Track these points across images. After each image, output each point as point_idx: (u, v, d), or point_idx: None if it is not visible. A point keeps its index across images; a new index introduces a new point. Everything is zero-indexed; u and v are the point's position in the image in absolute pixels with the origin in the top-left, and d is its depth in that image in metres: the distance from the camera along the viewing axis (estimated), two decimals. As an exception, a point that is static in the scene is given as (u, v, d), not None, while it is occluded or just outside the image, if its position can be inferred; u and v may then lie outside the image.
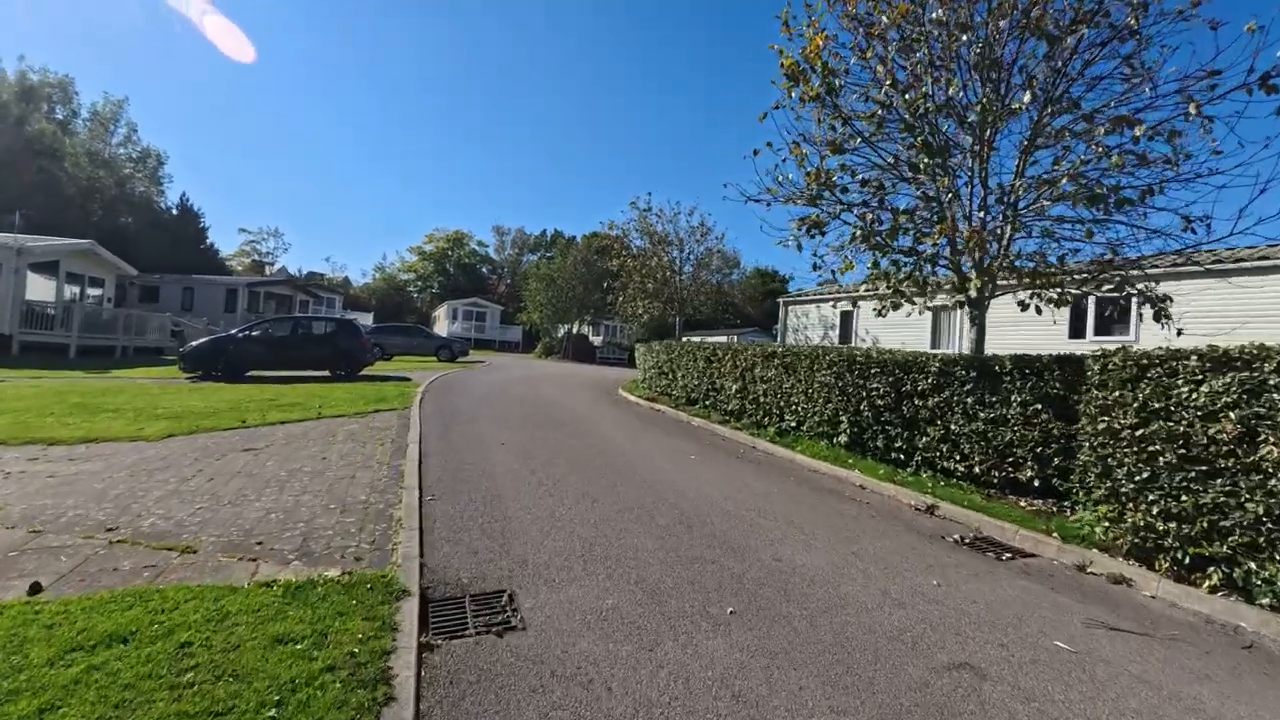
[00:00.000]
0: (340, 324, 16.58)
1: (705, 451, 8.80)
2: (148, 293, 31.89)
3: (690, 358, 13.15)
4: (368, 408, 10.62)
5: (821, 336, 18.18)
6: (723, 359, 11.64)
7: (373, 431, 8.56)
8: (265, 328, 16.00)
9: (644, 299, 19.67)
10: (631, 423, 11.18)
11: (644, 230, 19.16)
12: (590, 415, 11.70)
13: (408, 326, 30.20)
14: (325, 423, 9.18)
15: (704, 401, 12.58)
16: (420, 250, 70.42)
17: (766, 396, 10.21)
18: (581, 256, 40.49)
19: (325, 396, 11.89)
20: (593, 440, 8.98)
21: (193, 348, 15.07)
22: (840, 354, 8.65)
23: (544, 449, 8.08)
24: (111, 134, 48.55)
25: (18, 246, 19.67)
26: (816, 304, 18.48)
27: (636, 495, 6.09)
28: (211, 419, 9.10)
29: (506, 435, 8.87)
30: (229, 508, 5.00)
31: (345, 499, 5.34)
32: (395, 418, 9.82)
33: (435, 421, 9.65)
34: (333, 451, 7.24)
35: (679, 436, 10.00)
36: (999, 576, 4.62)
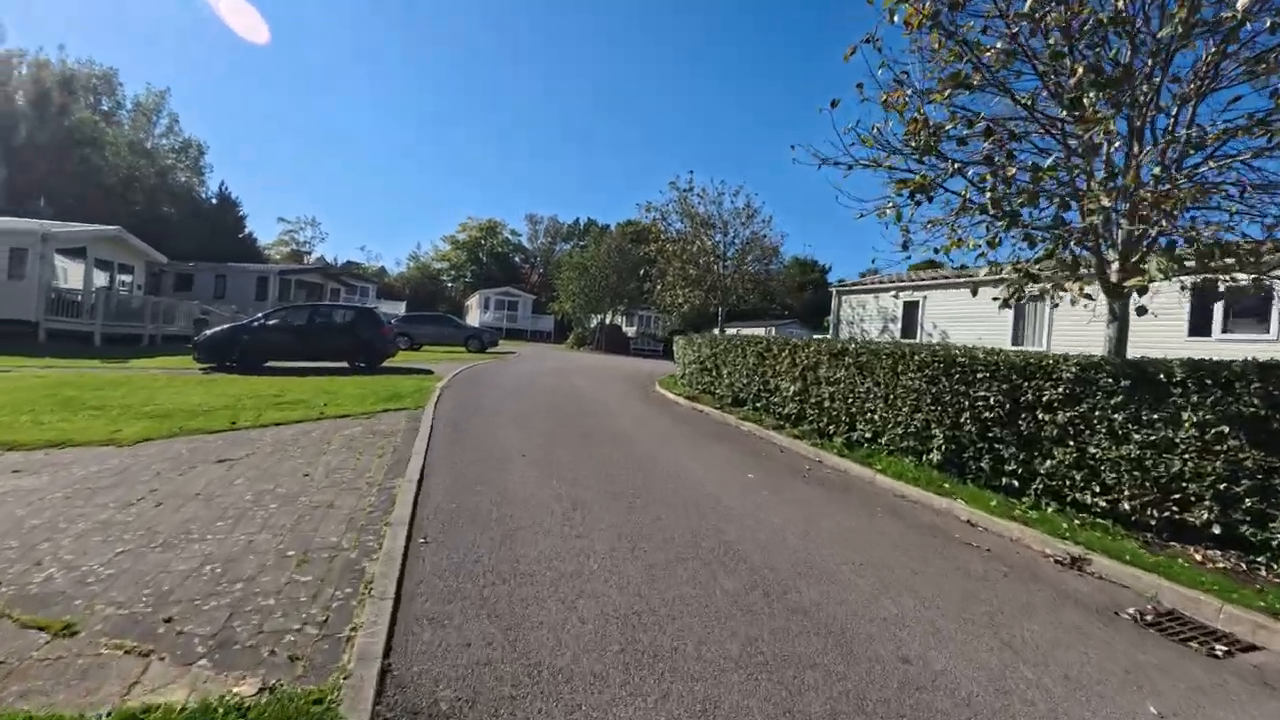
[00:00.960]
0: (360, 313, 15.61)
1: (763, 468, 7.36)
2: (182, 280, 31.82)
3: (738, 353, 11.67)
4: (376, 406, 9.48)
5: (880, 330, 16.40)
6: (778, 356, 10.13)
7: (374, 438, 7.36)
8: (283, 316, 15.12)
9: (684, 287, 18.10)
10: (672, 427, 9.78)
11: (685, 212, 17.58)
12: (625, 417, 10.35)
13: (436, 315, 29.36)
14: (324, 425, 8.05)
15: (754, 403, 11.10)
16: (454, 239, 70.07)
17: (834, 401, 8.68)
18: (615, 244, 39.13)
19: (334, 392, 10.82)
20: (629, 451, 7.63)
21: (206, 337, 14.27)
22: (934, 353, 7.07)
23: (572, 463, 6.76)
24: (154, 124, 49.27)
25: (43, 232, 19.31)
26: (875, 293, 16.68)
27: (689, 535, 4.70)
28: (200, 419, 8.07)
29: (529, 443, 7.58)
30: (157, 553, 3.80)
31: (311, 541, 4.09)
32: (405, 419, 8.64)
33: (449, 425, 8.43)
34: (320, 465, 6.05)
35: (729, 446, 8.57)
36: (1233, 692, 3.10)
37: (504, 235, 71.18)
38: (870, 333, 16.59)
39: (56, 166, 34.45)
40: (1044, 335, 13.06)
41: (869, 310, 16.72)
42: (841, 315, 17.56)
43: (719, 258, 17.68)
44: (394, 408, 9.50)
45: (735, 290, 18.27)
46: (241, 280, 30.91)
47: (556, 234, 72.35)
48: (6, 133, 33.75)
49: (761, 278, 18.81)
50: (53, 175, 34.21)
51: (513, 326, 47.22)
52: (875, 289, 16.70)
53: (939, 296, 15.16)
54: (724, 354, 12.36)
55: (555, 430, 8.54)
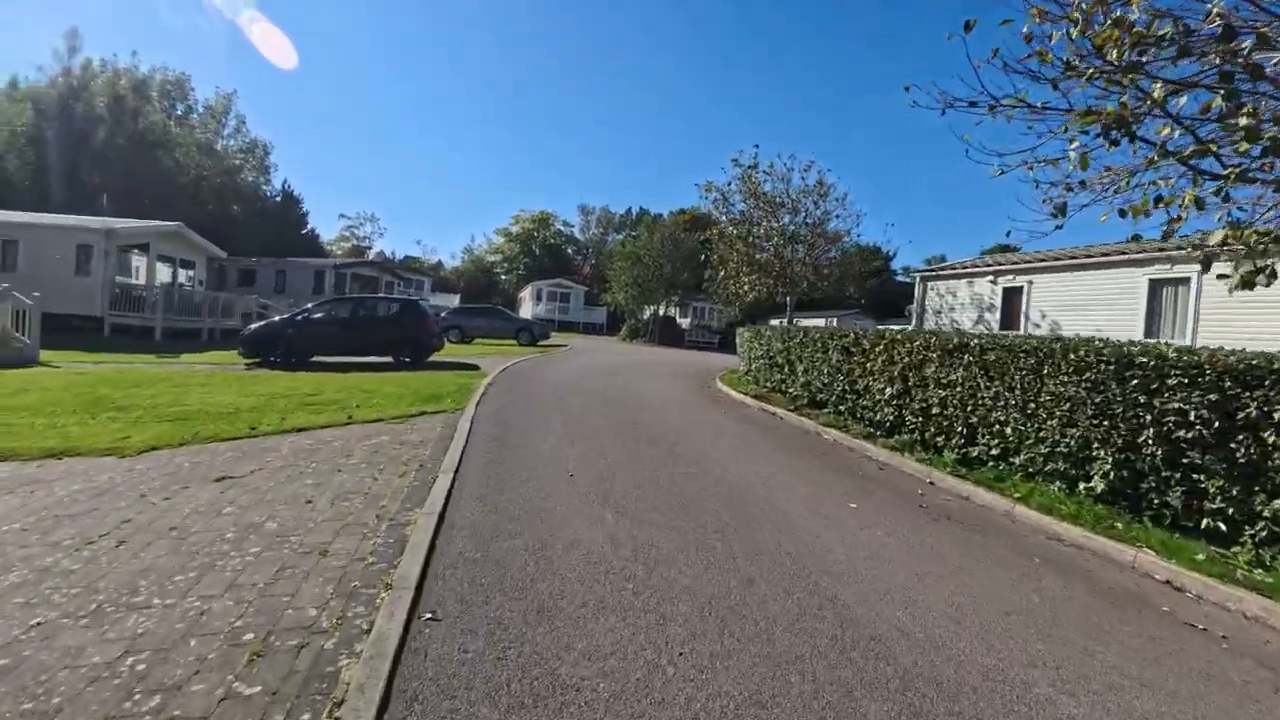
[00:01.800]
0: (405, 305, 14.89)
1: (866, 493, 5.92)
2: (245, 275, 32.50)
3: (817, 348, 10.15)
4: (412, 409, 8.52)
5: (974, 320, 14.41)
6: (870, 352, 8.59)
7: (400, 450, 6.34)
8: (327, 309, 14.55)
9: (750, 274, 16.47)
10: (744, 435, 8.42)
11: (750, 192, 15.88)
12: (689, 422, 9.05)
13: (487, 308, 28.78)
14: (350, 432, 7.11)
15: (835, 405, 9.58)
16: (506, 232, 70.22)
17: (947, 408, 7.11)
18: (669, 233, 37.72)
19: (372, 391, 9.97)
20: (699, 468, 6.33)
21: (250, 332, 13.82)
22: (1099, 352, 5.45)
23: (632, 486, 5.52)
24: (223, 126, 51.04)
25: (106, 229, 19.60)
26: (969, 279, 14.64)
27: (797, 612, 3.38)
28: (221, 422, 7.29)
29: (580, 459, 6.39)
30: (78, 630, 2.80)
31: (281, 615, 3.00)
32: (440, 426, 7.62)
33: (488, 434, 7.35)
34: (329, 488, 5.03)
35: (815, 461, 7.15)
36: None
37: (556, 227, 70.83)
38: (962, 323, 14.61)
39: (130, 167, 35.81)
40: (1187, 327, 10.90)
41: (960, 298, 14.70)
42: (927, 304, 15.57)
43: (789, 240, 15.91)
44: (431, 410, 8.52)
45: (806, 277, 16.46)
46: (300, 274, 31.25)
47: (608, 224, 71.48)
48: (85, 136, 35.27)
49: (836, 263, 16.88)
50: (127, 176, 35.56)
51: (564, 318, 46.59)
52: (969, 273, 14.64)
53: (1049, 281, 13.05)
54: (799, 349, 10.86)
55: (610, 441, 7.32)
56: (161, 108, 44.70)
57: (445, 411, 8.50)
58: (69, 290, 19.31)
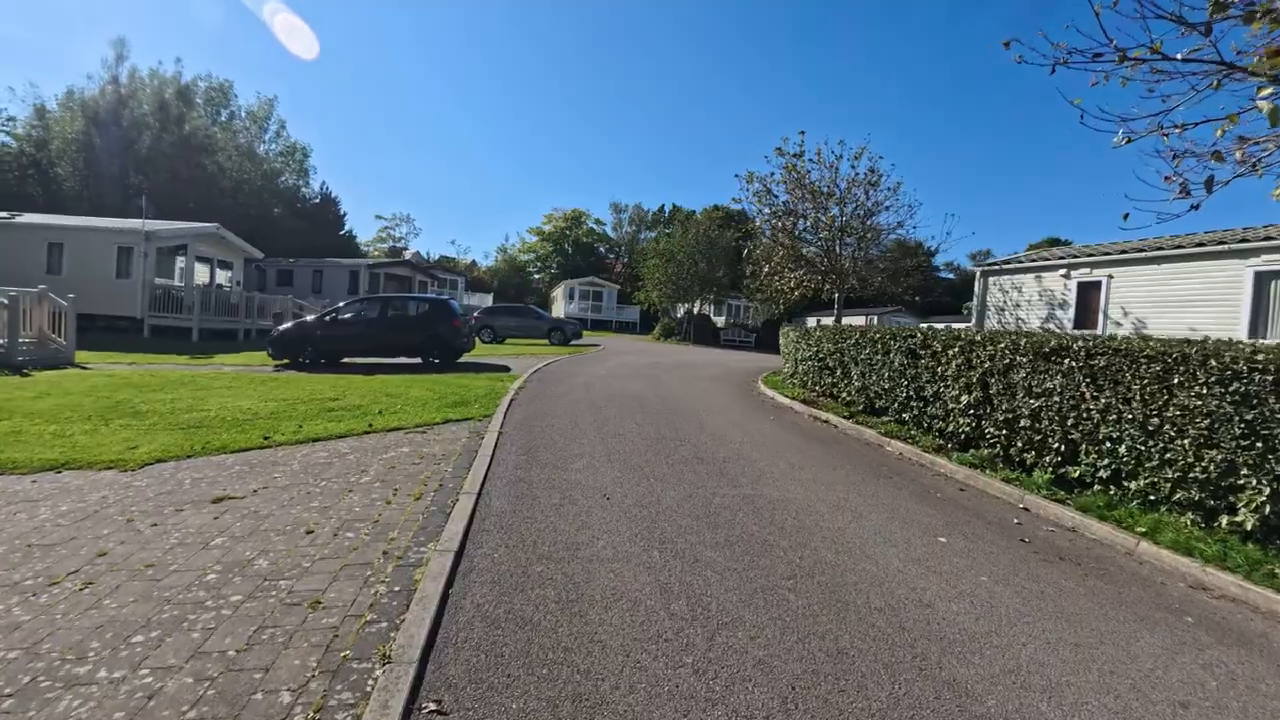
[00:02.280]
0: (434, 304, 14.43)
1: (953, 522, 5.05)
2: (283, 276, 32.91)
3: (876, 350, 9.22)
4: (436, 416, 7.94)
5: (1044, 318, 13.15)
6: (943, 355, 7.65)
7: (419, 466, 5.72)
8: (356, 309, 14.19)
9: (796, 269, 15.40)
10: (799, 448, 7.58)
11: (795, 182, 14.79)
12: (736, 433, 8.26)
13: (519, 307, 28.36)
14: (368, 443, 6.55)
15: (898, 413, 8.66)
16: (539, 230, 70.14)
17: (1040, 421, 6.16)
18: (703, 229, 36.78)
19: (397, 396, 9.46)
20: (755, 490, 5.55)
21: (279, 333, 13.55)
22: (1251, 358, 4.47)
23: (680, 515, 4.77)
24: (265, 130, 52.07)
25: (145, 230, 19.76)
26: (1037, 273, 13.36)
27: (906, 702, 2.58)
28: (234, 431, 6.82)
29: (618, 477, 5.67)
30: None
31: (244, 704, 2.35)
32: (465, 436, 7.00)
33: (517, 445, 6.69)
34: (337, 511, 4.42)
35: (886, 481, 6.29)
36: None
37: (588, 225, 70.42)
38: (1029, 321, 13.36)
39: (175, 172, 36.62)
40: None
41: (1026, 294, 13.44)
42: (989, 300, 14.33)
43: (840, 232, 14.78)
44: (456, 417, 7.92)
45: (856, 273, 15.29)
46: (335, 275, 31.44)
47: (641, 222, 70.75)
48: (132, 142, 36.20)
49: (888, 257, 15.61)
50: (172, 180, 36.37)
51: (597, 317, 46.09)
52: (1037, 267, 13.35)
53: (1132, 276, 11.76)
54: (854, 350, 9.93)
55: (651, 456, 6.59)
56: (205, 113, 45.79)
57: (472, 419, 7.89)
58: (110, 292, 19.55)
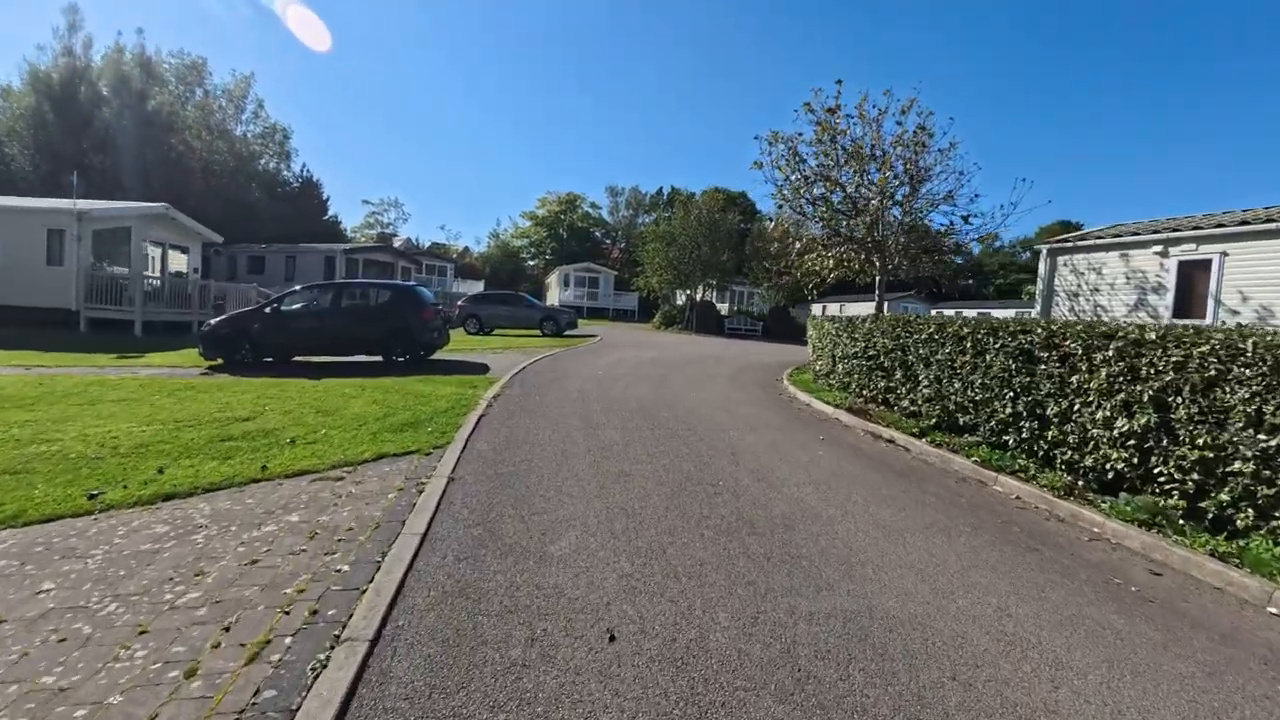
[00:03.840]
0: (398, 292, 12.10)
1: (1210, 667, 2.88)
2: (255, 263, 30.52)
3: (962, 348, 7.01)
4: (369, 448, 5.70)
5: (1132, 305, 10.88)
6: (1085, 361, 5.42)
7: (302, 557, 3.49)
8: (307, 298, 11.89)
9: (838, 245, 12.90)
10: (881, 492, 5.38)
11: (829, 143, 12.19)
12: (783, 465, 6.07)
13: (508, 295, 26.01)
14: (249, 499, 4.33)
15: (997, 433, 6.47)
16: (533, 215, 67.47)
17: (1267, 464, 3.98)
18: (705, 211, 34.37)
19: (331, 412, 7.22)
20: (852, 599, 3.37)
21: (210, 327, 11.26)
22: None
23: (745, 678, 2.57)
24: (241, 110, 49.22)
25: (77, 211, 17.34)
26: (1122, 250, 11.04)
27: None
28: (61, 481, 4.65)
29: (624, 578, 3.45)
30: None
31: None
32: (400, 482, 4.79)
33: (472, 505, 4.48)
34: (95, 681, 2.21)
35: (1035, 557, 4.12)
36: None
37: (584, 209, 67.77)
38: (1111, 309, 11.13)
39: (137, 151, 33.96)
40: None
41: (1108, 275, 11.15)
42: (1057, 284, 12.03)
43: (888, 200, 12.31)
44: (395, 450, 5.68)
45: (904, 250, 12.77)
46: (310, 261, 29.04)
47: (638, 205, 68.14)
48: (89, 118, 33.47)
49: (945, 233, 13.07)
50: (134, 159, 33.73)
51: (594, 305, 43.74)
52: (1123, 243, 11.00)
53: (1253, 252, 9.48)
54: (924, 348, 7.72)
55: (675, 521, 4.38)
56: (178, 92, 42.96)
57: (418, 452, 5.65)
58: (39, 282, 17.21)
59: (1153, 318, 10.36)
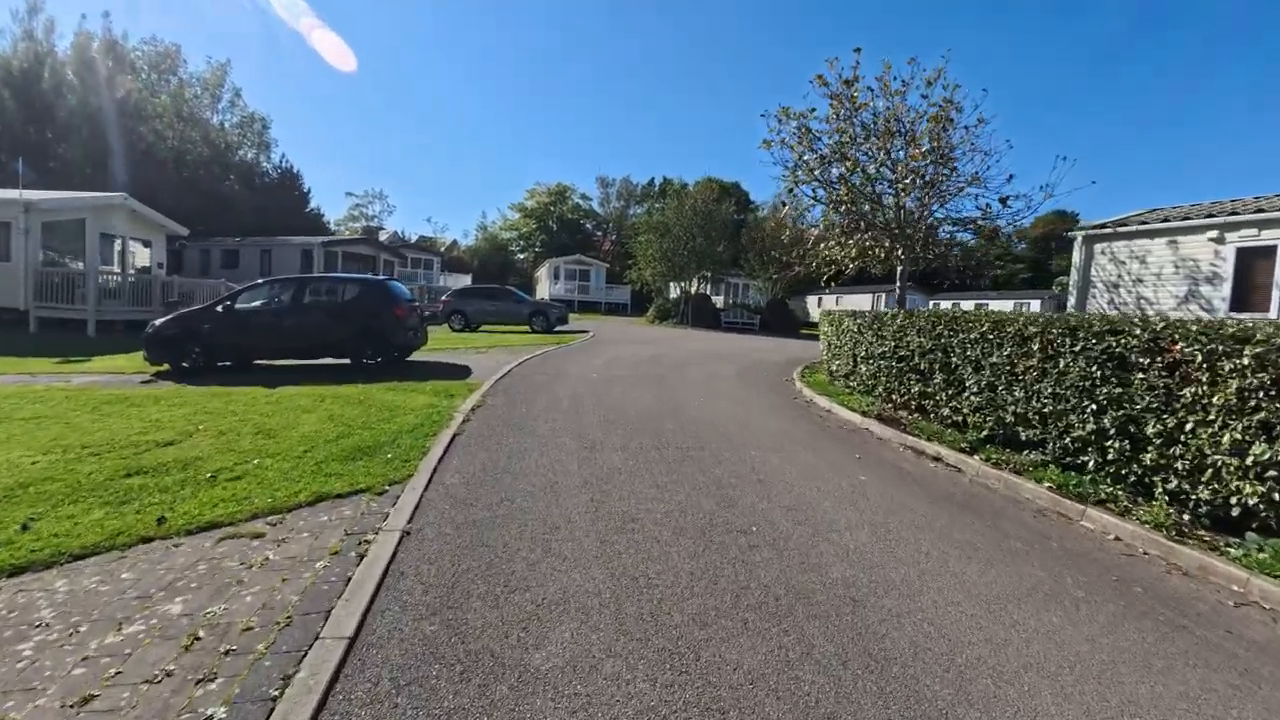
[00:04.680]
0: (367, 287, 10.85)
1: None
2: (229, 257, 29.07)
3: (1026, 349, 5.94)
4: (307, 487, 4.53)
5: (1181, 297, 9.81)
6: (1210, 373, 4.34)
7: (161, 690, 2.35)
8: (264, 295, 10.64)
9: (861, 231, 11.76)
10: (952, 535, 4.32)
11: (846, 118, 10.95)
12: (825, 499, 4.99)
13: (495, 289, 24.71)
14: (128, 572, 3.18)
15: (1074, 453, 5.42)
16: (521, 207, 65.85)
17: None
18: (700, 201, 33.18)
19: (274, 434, 6.05)
20: (960, 718, 2.28)
21: (156, 328, 10.01)
22: None
23: None
24: (218, 99, 47.34)
25: (24, 202, 15.89)
26: (1170, 236, 9.96)
27: None
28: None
29: (633, 688, 2.36)
30: None
31: None
32: (338, 537, 3.65)
33: (431, 567, 3.36)
34: None
35: (1178, 640, 3.06)
36: None
37: (574, 201, 66.25)
38: (1157, 302, 10.08)
39: (103, 140, 32.28)
40: None
41: (1153, 264, 10.10)
42: (1094, 274, 10.96)
43: (917, 180, 10.69)
44: (342, 489, 4.53)
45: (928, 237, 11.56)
46: (286, 255, 27.60)
47: (630, 196, 66.78)
48: (52, 105, 31.71)
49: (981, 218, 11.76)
50: (100, 149, 32.05)
51: (585, 299, 42.51)
52: (1171, 228, 9.90)
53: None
54: (974, 348, 6.65)
55: (700, 590, 3.29)
56: (149, 80, 41.09)
57: (368, 492, 4.51)
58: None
59: (1206, 311, 9.35)
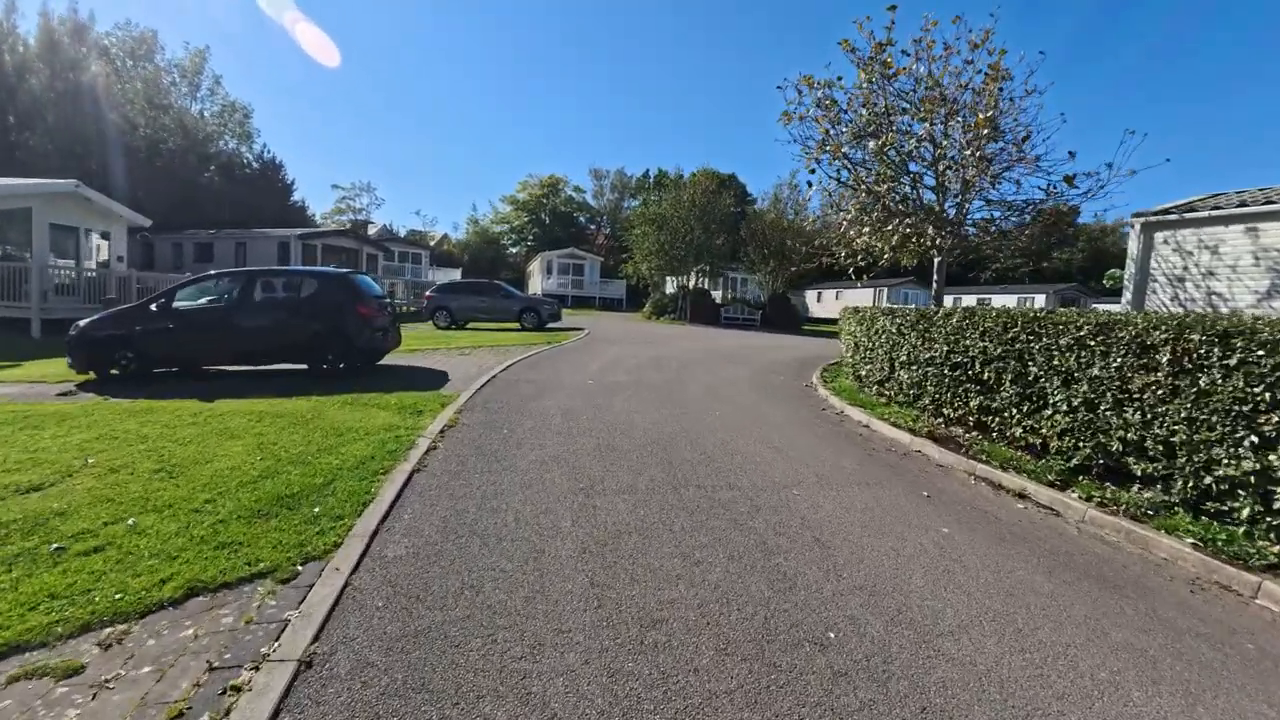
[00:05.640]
0: (327, 282, 9.36)
1: None
2: (202, 250, 27.53)
3: (1148, 360, 4.65)
4: (186, 569, 3.19)
5: (1262, 293, 8.51)
6: None
7: None
8: (212, 291, 9.23)
9: (903, 216, 9.89)
10: (1105, 632, 3.05)
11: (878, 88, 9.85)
12: (900, 566, 3.72)
13: (483, 283, 23.23)
14: None
15: (1220, 494, 4.15)
16: (513, 199, 64.17)
17: None
18: (700, 191, 31.79)
19: (182, 470, 4.68)
20: None
21: (80, 330, 8.58)
22: None
23: None
24: (197, 87, 45.46)
25: (-43, 186, 14.42)
26: (1249, 224, 8.65)
27: None
28: None
29: None
30: None
31: None
32: (192, 680, 2.31)
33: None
34: None
35: None
36: None
37: (567, 193, 64.63)
38: (1233, 299, 8.78)
39: (69, 126, 30.53)
40: None
41: (1228, 255, 8.77)
42: (1155, 267, 9.67)
43: (971, 155, 9.19)
44: (229, 575, 3.15)
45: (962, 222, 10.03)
46: (261, 247, 26.06)
47: (624, 188, 65.14)
48: (13, 88, 29.89)
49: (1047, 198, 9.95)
50: (67, 136, 30.32)
51: (579, 294, 41.07)
52: (1249, 214, 8.62)
53: None
54: (1052, 355, 5.36)
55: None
56: (122, 65, 39.22)
57: (270, 577, 3.15)
58: (-82, 273, 14.30)
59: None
